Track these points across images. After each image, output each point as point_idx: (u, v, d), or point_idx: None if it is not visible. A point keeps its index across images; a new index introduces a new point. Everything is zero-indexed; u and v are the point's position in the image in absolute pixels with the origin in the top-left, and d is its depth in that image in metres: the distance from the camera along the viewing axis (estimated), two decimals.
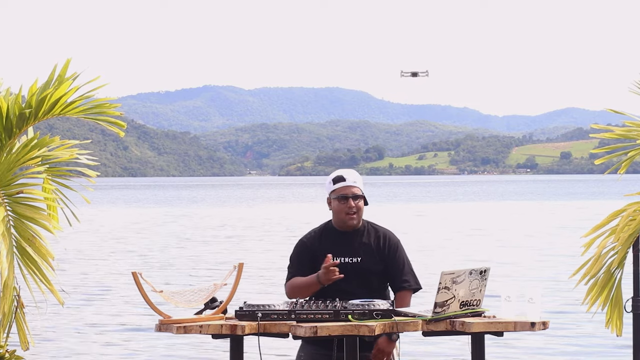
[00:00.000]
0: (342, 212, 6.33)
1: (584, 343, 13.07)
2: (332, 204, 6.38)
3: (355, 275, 6.31)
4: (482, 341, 5.90)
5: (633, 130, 6.53)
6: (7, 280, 5.62)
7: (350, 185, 6.33)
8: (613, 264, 6.45)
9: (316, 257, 6.33)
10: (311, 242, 6.41)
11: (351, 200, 6.30)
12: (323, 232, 6.43)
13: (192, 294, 5.90)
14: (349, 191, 6.32)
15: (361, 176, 6.51)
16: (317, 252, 6.34)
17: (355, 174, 6.43)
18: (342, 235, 6.38)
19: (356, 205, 6.32)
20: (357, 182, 6.36)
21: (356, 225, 6.36)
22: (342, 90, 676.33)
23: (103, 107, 5.93)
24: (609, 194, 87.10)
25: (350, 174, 6.39)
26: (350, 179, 6.34)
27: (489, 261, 23.40)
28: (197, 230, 40.92)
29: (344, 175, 6.36)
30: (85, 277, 22.07)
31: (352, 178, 6.35)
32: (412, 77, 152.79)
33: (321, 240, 6.39)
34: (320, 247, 6.36)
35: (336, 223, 6.40)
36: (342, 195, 6.32)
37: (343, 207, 6.32)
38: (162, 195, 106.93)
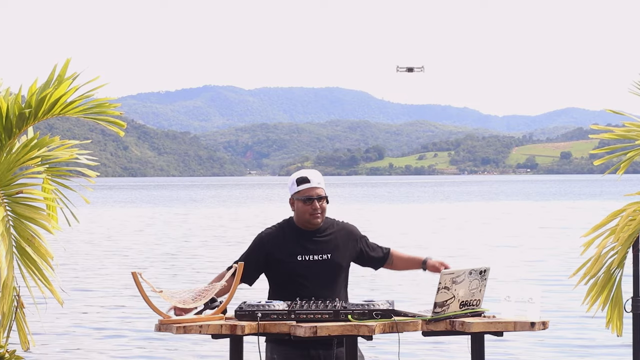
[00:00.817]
0: (307, 213, 6.34)
1: (583, 343, 13.07)
2: (296, 204, 6.38)
3: (325, 272, 6.32)
4: (482, 341, 5.90)
5: (632, 130, 6.53)
6: (7, 280, 5.62)
7: (315, 187, 6.35)
8: (613, 264, 6.45)
9: (273, 254, 6.32)
10: (269, 239, 6.39)
11: (316, 202, 6.33)
12: (284, 230, 6.41)
13: (192, 294, 5.90)
14: (314, 192, 6.34)
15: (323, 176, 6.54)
16: (274, 249, 6.33)
17: (318, 174, 6.45)
18: (306, 234, 6.38)
19: (321, 207, 6.35)
20: (321, 183, 6.40)
21: (320, 224, 6.39)
22: (342, 90, 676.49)
23: (103, 107, 5.92)
24: (608, 194, 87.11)
25: (314, 175, 6.41)
26: (314, 180, 6.36)
27: (488, 261, 23.40)
28: (197, 230, 40.92)
29: (308, 177, 6.37)
30: (85, 277, 22.07)
31: (316, 179, 6.37)
32: (408, 72, 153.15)
33: (283, 238, 6.37)
34: (280, 244, 6.34)
35: (299, 222, 6.40)
36: (306, 197, 6.33)
37: (308, 208, 6.33)
38: (162, 196, 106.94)
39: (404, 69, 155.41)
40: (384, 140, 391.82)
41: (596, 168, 11.12)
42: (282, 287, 6.32)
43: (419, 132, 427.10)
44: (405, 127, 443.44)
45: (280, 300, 6.06)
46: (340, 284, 6.41)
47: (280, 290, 6.32)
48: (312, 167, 64.77)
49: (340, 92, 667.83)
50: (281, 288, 6.33)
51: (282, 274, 6.33)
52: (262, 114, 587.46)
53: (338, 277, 6.38)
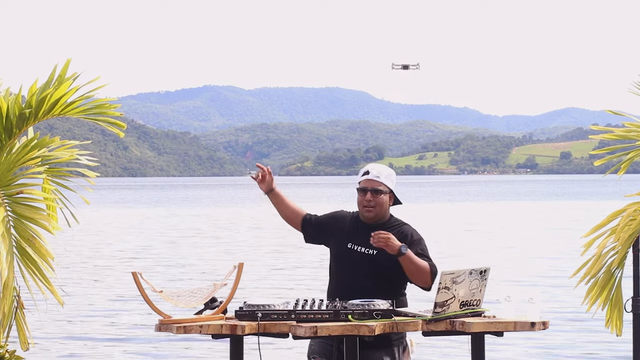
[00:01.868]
0: (360, 205, 6.39)
1: (584, 343, 13.07)
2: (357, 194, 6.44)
3: (369, 267, 6.29)
4: (482, 341, 5.90)
5: (633, 130, 6.54)
6: (7, 281, 5.62)
7: (372, 179, 6.36)
8: (613, 264, 6.45)
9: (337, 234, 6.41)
10: (344, 218, 6.48)
11: (369, 194, 6.32)
12: (354, 218, 6.48)
13: (192, 294, 5.90)
14: (369, 184, 6.35)
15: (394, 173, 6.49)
16: (341, 230, 6.41)
17: (383, 169, 6.44)
18: (365, 226, 6.38)
19: (374, 200, 6.32)
20: (381, 177, 6.36)
21: (373, 218, 6.36)
22: (342, 90, 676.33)
23: (103, 108, 5.93)
24: (608, 194, 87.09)
25: (376, 168, 6.43)
26: (373, 173, 6.38)
27: (489, 261, 23.39)
28: (197, 230, 40.91)
29: (370, 169, 6.42)
30: (85, 277, 22.06)
31: (375, 172, 6.38)
32: (403, 70, 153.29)
33: (351, 223, 6.44)
34: (346, 228, 6.42)
35: (359, 214, 6.46)
36: (361, 188, 6.38)
37: (361, 199, 6.37)
38: (162, 196, 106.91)
39: (399, 66, 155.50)
40: (384, 140, 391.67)
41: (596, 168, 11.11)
42: (332, 266, 6.45)
43: (419, 132, 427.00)
44: (405, 127, 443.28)
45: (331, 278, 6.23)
46: (385, 284, 6.29)
47: (331, 267, 6.46)
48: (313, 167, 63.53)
49: (340, 92, 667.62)
50: (332, 266, 6.46)
51: (333, 255, 6.44)
52: (262, 114, 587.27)
53: (381, 276, 6.28)
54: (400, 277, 6.32)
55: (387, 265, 6.27)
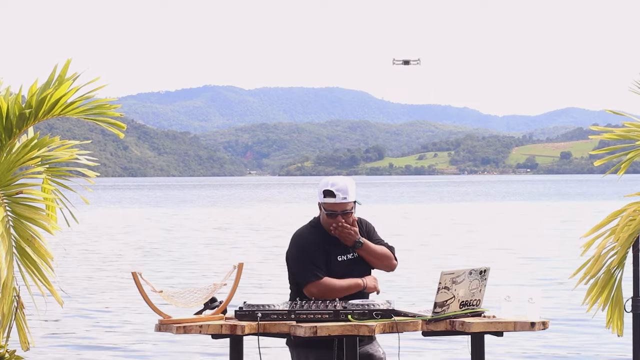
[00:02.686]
0: (328, 225, 6.34)
1: (584, 343, 13.07)
2: (321, 212, 6.38)
3: (358, 270, 6.35)
4: (482, 341, 5.90)
5: (633, 131, 6.54)
6: (7, 281, 5.62)
7: (339, 203, 6.29)
8: (613, 264, 6.45)
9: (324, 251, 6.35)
10: (312, 237, 6.38)
11: (339, 217, 6.32)
12: (318, 231, 6.41)
13: (192, 294, 5.90)
14: (338, 208, 6.30)
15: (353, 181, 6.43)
16: (322, 247, 6.36)
17: (346, 186, 6.30)
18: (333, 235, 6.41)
19: (346, 221, 6.32)
20: (348, 197, 6.28)
21: None
22: (342, 90, 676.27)
23: (103, 108, 5.92)
24: (609, 194, 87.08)
25: (340, 188, 6.28)
26: (340, 195, 6.27)
27: (488, 261, 23.39)
28: (197, 230, 40.91)
29: (334, 191, 6.27)
30: (84, 277, 22.06)
31: (342, 194, 6.27)
32: (404, 65, 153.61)
33: (321, 239, 6.37)
34: (324, 245, 6.36)
35: (325, 227, 6.40)
36: (331, 212, 6.31)
37: (331, 221, 6.33)
38: (162, 196, 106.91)
39: (400, 62, 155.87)
40: (384, 140, 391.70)
41: (596, 168, 11.10)
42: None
43: (419, 132, 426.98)
44: (405, 127, 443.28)
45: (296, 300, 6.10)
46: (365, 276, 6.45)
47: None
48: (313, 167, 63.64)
49: (340, 92, 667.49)
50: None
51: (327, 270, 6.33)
52: (262, 114, 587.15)
53: (364, 271, 6.41)
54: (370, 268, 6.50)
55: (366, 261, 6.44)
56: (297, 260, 6.33)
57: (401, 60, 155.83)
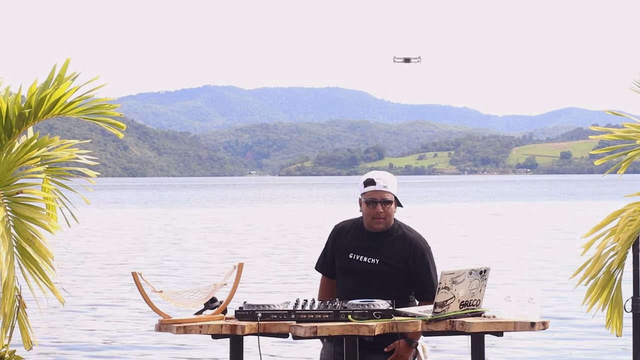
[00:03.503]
0: (370, 216, 6.27)
1: (583, 343, 13.07)
2: (362, 206, 6.32)
3: (373, 276, 6.28)
4: (482, 341, 5.90)
5: (632, 131, 6.54)
6: (8, 281, 5.62)
7: (380, 190, 6.23)
8: (613, 265, 6.45)
9: (338, 247, 6.38)
10: (342, 231, 6.42)
11: (379, 206, 6.23)
12: (355, 226, 6.41)
13: (192, 294, 5.90)
14: (378, 196, 6.24)
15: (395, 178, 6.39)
16: (341, 243, 6.38)
17: (387, 176, 6.30)
18: (369, 235, 6.33)
19: (385, 211, 6.24)
20: (388, 187, 6.25)
21: (384, 229, 6.30)
22: (342, 90, 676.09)
23: (102, 108, 5.92)
24: (609, 194, 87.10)
25: (381, 177, 6.27)
26: (380, 183, 6.24)
27: (488, 261, 23.40)
28: (197, 230, 40.91)
29: (375, 179, 6.26)
30: (85, 277, 22.07)
31: (382, 182, 6.24)
32: (405, 63, 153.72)
33: (349, 233, 6.39)
34: (346, 239, 6.38)
35: (366, 225, 6.35)
36: (370, 200, 6.24)
37: (371, 211, 6.25)
38: (161, 196, 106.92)
39: (401, 59, 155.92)
40: (384, 140, 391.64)
41: (596, 168, 11.13)
42: (337, 280, 6.42)
43: (418, 132, 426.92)
44: (405, 127, 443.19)
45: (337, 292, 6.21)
46: (399, 291, 6.27)
47: (337, 282, 6.44)
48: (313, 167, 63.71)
49: (340, 92, 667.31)
50: (337, 280, 6.43)
51: (337, 267, 6.40)
52: (262, 114, 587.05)
53: (384, 284, 6.26)
54: (405, 285, 6.31)
55: (391, 273, 6.27)
56: None
57: (402, 58, 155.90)
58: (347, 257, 6.34)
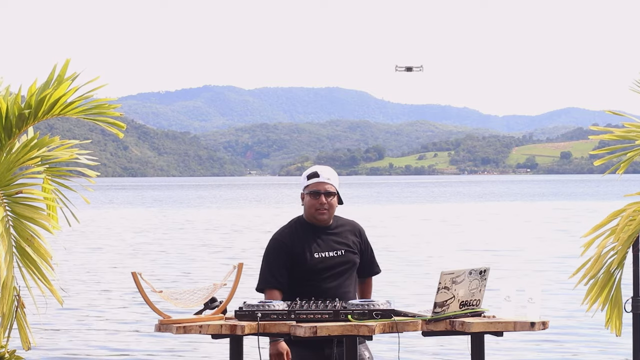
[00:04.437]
0: (313, 208, 6.34)
1: (583, 343, 13.07)
2: (305, 199, 6.40)
3: (341, 268, 6.34)
4: (482, 341, 5.90)
5: (632, 131, 6.54)
6: (7, 280, 5.62)
7: (323, 182, 6.34)
8: (613, 264, 6.45)
9: (293, 252, 6.33)
10: (286, 238, 6.38)
11: (323, 197, 6.32)
12: (296, 228, 6.41)
13: (192, 294, 5.90)
14: (322, 187, 6.34)
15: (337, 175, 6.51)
16: (294, 248, 6.34)
17: (330, 171, 6.44)
18: (319, 230, 6.38)
19: (328, 202, 6.33)
20: (331, 180, 6.37)
21: (327, 220, 6.38)
22: (342, 90, 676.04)
23: (102, 108, 5.92)
24: (608, 194, 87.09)
25: (325, 170, 6.41)
26: (324, 175, 6.36)
27: (488, 261, 23.40)
28: (197, 230, 40.91)
29: (318, 172, 6.39)
30: (84, 277, 22.06)
31: (326, 175, 6.37)
32: (407, 72, 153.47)
33: (297, 235, 6.37)
34: (297, 242, 6.35)
35: (307, 218, 6.41)
36: (314, 191, 6.33)
37: (314, 202, 6.33)
38: (161, 196, 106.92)
39: (403, 68, 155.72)
40: (384, 140, 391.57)
41: (596, 168, 11.17)
42: (299, 285, 6.31)
43: (419, 132, 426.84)
44: (405, 127, 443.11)
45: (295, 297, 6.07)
46: (353, 281, 6.43)
47: (297, 287, 6.29)
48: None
49: (340, 92, 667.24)
50: (297, 285, 6.31)
51: (300, 271, 6.33)
52: (262, 114, 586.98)
53: (351, 274, 6.41)
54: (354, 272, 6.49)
55: (355, 261, 6.43)
56: (262, 263, 6.48)
57: (404, 67, 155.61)
58: (313, 257, 6.32)
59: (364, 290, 6.56)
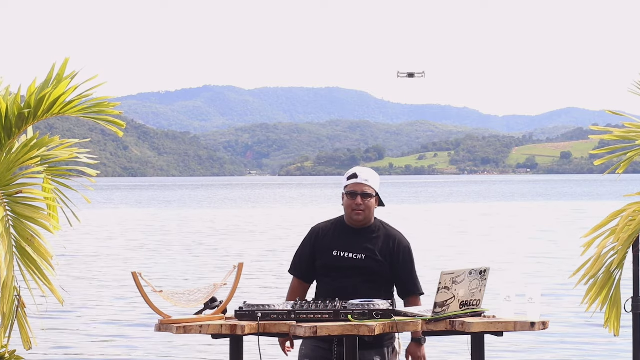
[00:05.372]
0: (350, 208, 6.38)
1: (583, 343, 13.07)
2: (344, 199, 6.44)
3: (358, 272, 6.33)
4: (482, 341, 5.90)
5: (632, 131, 6.54)
6: (7, 280, 5.62)
7: (361, 183, 6.38)
8: (613, 264, 6.45)
9: (320, 246, 6.41)
10: (322, 231, 6.47)
11: (359, 198, 6.35)
12: (335, 225, 6.49)
13: (192, 294, 5.90)
14: (359, 188, 6.37)
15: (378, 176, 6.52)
16: (322, 242, 6.42)
17: (370, 172, 6.48)
18: (351, 231, 6.42)
19: (364, 203, 6.35)
20: (370, 181, 6.41)
21: (362, 221, 6.39)
22: (342, 90, 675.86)
23: (102, 106, 5.92)
24: (609, 194, 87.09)
25: (364, 172, 6.46)
26: (362, 176, 6.41)
27: (488, 261, 23.40)
28: (197, 230, 40.91)
29: (357, 173, 6.44)
30: (85, 276, 22.06)
31: (364, 176, 6.41)
32: (409, 78, 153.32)
33: (331, 231, 6.45)
34: (328, 238, 6.43)
35: (346, 218, 6.46)
36: (351, 192, 6.38)
37: (351, 203, 6.37)
38: (162, 196, 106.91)
39: (405, 74, 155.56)
40: (384, 140, 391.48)
41: (596, 168, 11.11)
42: (319, 280, 6.44)
43: (419, 132, 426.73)
44: (405, 127, 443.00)
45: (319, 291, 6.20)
46: (374, 288, 6.32)
47: (318, 282, 6.45)
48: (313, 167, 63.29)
49: (340, 92, 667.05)
50: (318, 280, 6.45)
51: (319, 266, 6.43)
52: (262, 114, 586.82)
53: (370, 280, 6.34)
54: (388, 280, 6.41)
55: (376, 268, 6.35)
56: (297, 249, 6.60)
57: (405, 73, 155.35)
58: (330, 254, 6.39)
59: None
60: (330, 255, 6.38)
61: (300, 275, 6.53)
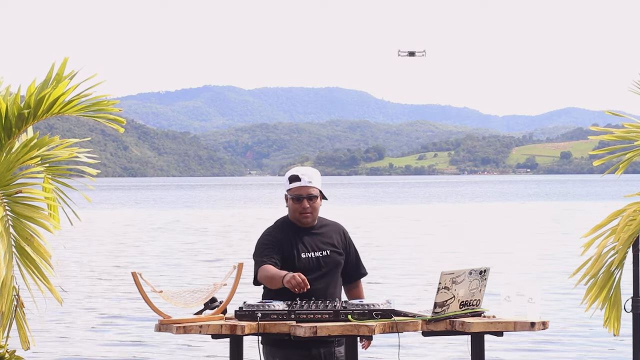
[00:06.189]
0: (297, 212, 6.35)
1: (583, 343, 13.07)
2: (288, 202, 6.40)
3: (326, 269, 6.34)
4: (482, 341, 5.90)
5: (632, 131, 6.54)
6: (6, 280, 5.61)
7: (305, 186, 6.33)
8: (613, 264, 6.45)
9: (284, 251, 6.31)
10: (277, 233, 6.38)
11: (305, 201, 6.32)
12: (283, 228, 6.41)
13: (192, 294, 5.90)
14: (304, 192, 6.32)
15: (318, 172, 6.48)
16: (284, 247, 6.33)
17: (311, 172, 6.40)
18: (303, 231, 6.39)
19: (311, 206, 6.34)
20: (313, 182, 6.35)
21: (311, 223, 6.39)
22: (342, 90, 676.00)
23: (102, 105, 5.91)
24: (608, 194, 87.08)
25: (306, 173, 6.37)
26: (305, 179, 6.33)
27: (488, 261, 23.40)
28: (196, 230, 40.91)
29: (299, 175, 6.35)
30: (84, 276, 22.06)
31: (307, 178, 6.34)
32: (410, 57, 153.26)
33: (285, 235, 6.37)
34: (285, 242, 6.34)
35: (292, 219, 6.42)
36: (296, 196, 6.32)
37: (297, 207, 6.34)
38: (162, 196, 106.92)
39: (406, 53, 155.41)
40: (384, 140, 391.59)
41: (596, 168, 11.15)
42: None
43: (419, 132, 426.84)
44: (405, 127, 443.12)
45: (278, 299, 6.04)
46: (338, 282, 6.43)
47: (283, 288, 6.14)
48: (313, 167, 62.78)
49: (340, 92, 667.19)
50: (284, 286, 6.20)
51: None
52: (262, 114, 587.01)
53: (336, 274, 6.41)
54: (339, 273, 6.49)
55: (340, 261, 6.43)
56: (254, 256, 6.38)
57: (406, 51, 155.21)
58: (300, 258, 6.31)
59: (358, 294, 6.55)
60: (301, 260, 6.29)
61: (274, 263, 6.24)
